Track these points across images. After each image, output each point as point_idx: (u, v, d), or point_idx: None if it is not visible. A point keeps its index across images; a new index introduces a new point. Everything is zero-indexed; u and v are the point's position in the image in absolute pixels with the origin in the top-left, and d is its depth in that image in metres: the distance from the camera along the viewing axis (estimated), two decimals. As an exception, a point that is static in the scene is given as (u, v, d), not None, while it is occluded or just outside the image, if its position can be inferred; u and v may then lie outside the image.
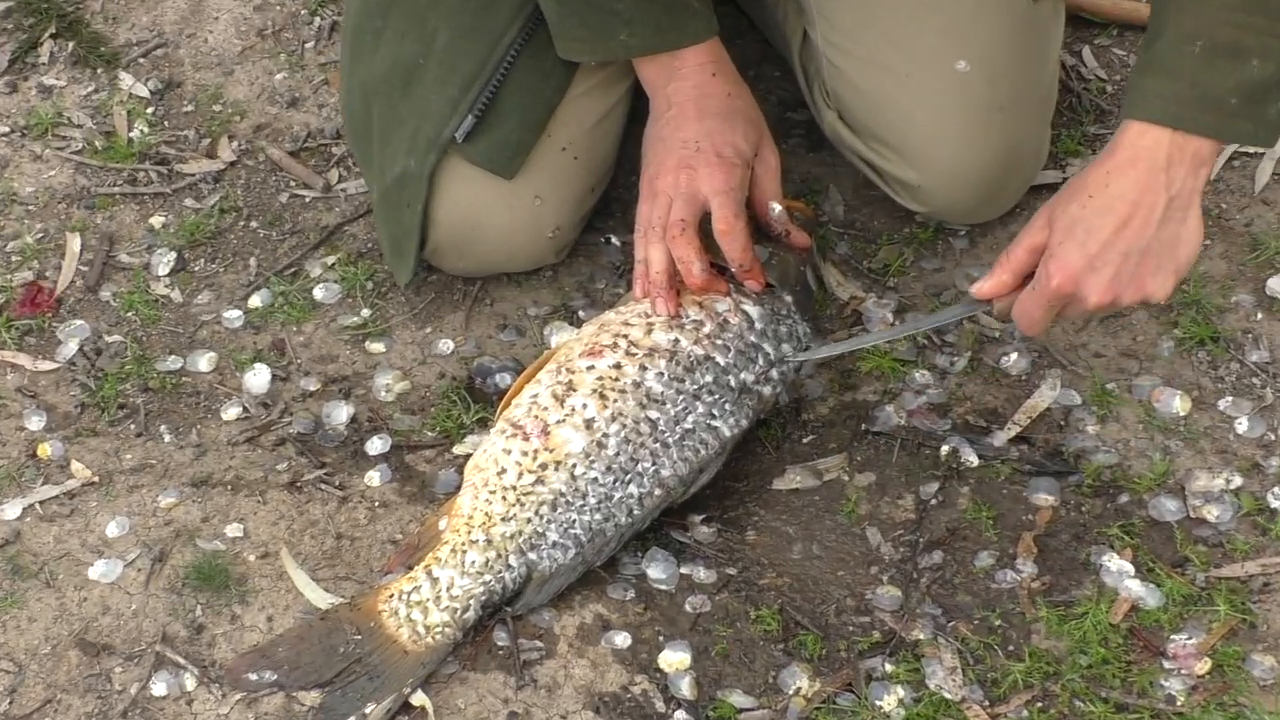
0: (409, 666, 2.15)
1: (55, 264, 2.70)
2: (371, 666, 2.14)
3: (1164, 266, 2.15)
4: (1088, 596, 2.22)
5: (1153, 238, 2.12)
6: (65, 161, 2.86)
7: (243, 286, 2.66)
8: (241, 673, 2.17)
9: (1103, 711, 2.11)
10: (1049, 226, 2.16)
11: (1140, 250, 2.13)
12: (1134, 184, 2.11)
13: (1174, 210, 2.12)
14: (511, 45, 2.43)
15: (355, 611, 2.19)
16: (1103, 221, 2.12)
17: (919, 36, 2.46)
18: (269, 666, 2.17)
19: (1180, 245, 2.15)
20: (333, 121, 2.90)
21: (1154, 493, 2.32)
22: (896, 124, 2.51)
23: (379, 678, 2.14)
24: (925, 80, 2.46)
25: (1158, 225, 2.12)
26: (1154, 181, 2.10)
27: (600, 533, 2.23)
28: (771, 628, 2.22)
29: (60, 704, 2.18)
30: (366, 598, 2.20)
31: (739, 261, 2.32)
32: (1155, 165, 2.10)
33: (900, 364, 2.47)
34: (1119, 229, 2.12)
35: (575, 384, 2.26)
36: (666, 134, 2.38)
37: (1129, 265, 2.13)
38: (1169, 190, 2.10)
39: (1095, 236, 2.12)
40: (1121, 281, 2.14)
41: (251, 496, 2.38)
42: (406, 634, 2.16)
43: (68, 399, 2.51)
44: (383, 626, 2.17)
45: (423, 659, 2.16)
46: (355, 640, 2.16)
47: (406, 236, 2.50)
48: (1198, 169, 2.11)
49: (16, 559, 2.32)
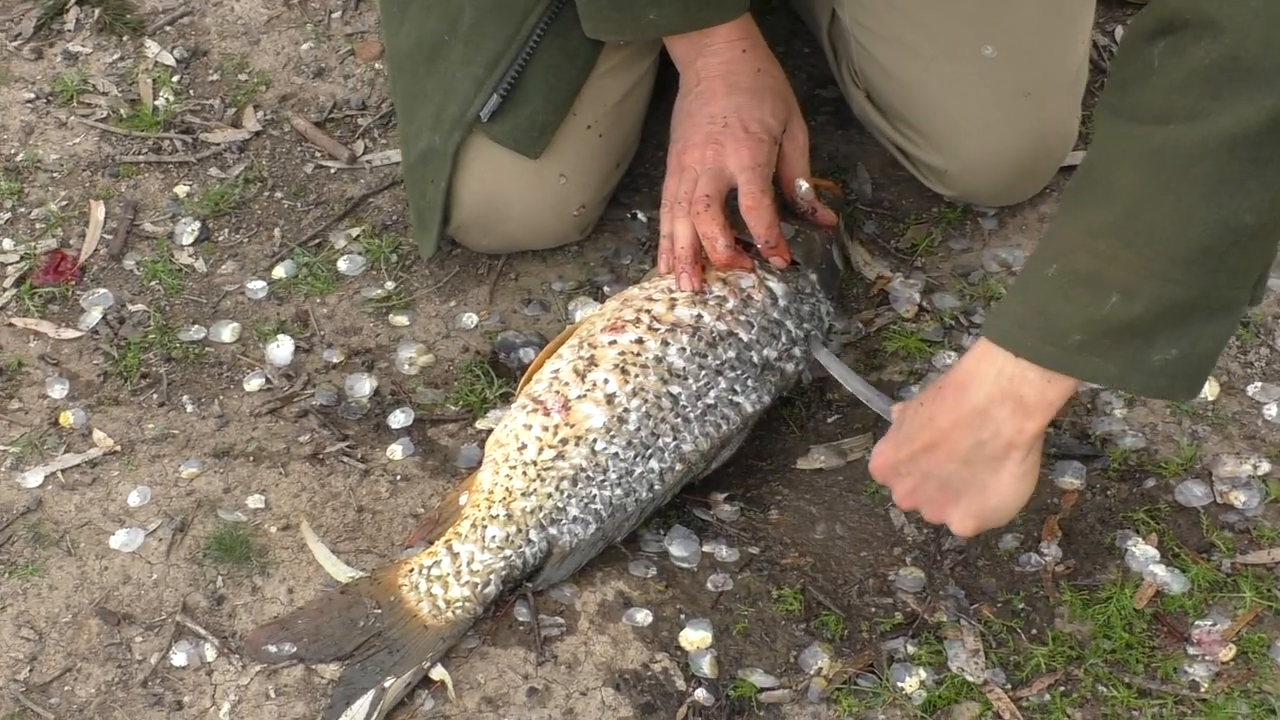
0: (429, 641, 2.15)
1: (79, 232, 2.70)
2: (391, 640, 2.14)
3: (965, 505, 2.04)
4: (1112, 581, 2.21)
5: (954, 473, 2.01)
6: (90, 129, 2.85)
7: (267, 257, 2.65)
8: (261, 644, 2.17)
9: (1126, 696, 2.10)
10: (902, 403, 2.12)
11: (942, 478, 2.03)
12: (951, 412, 1.97)
13: (983, 456, 1.98)
14: (537, 24, 2.42)
15: (375, 585, 2.18)
16: (918, 435, 2.03)
17: (945, 20, 2.44)
18: (288, 639, 2.16)
19: (988, 493, 2.01)
20: (358, 93, 2.89)
21: (1181, 478, 2.30)
22: (922, 108, 2.49)
23: (398, 652, 2.13)
24: (951, 65, 2.44)
25: (960, 463, 1.99)
26: (967, 419, 1.95)
27: (621, 508, 2.22)
28: (793, 607, 2.21)
29: (80, 672, 2.18)
30: (387, 572, 2.20)
31: (764, 238, 2.31)
32: (974, 402, 1.94)
33: (926, 344, 2.46)
34: (926, 449, 2.02)
35: (597, 359, 2.26)
36: (695, 109, 2.37)
37: (929, 486, 2.05)
38: (979, 433, 1.95)
39: (907, 445, 2.05)
40: (921, 497, 2.07)
41: (273, 468, 2.37)
42: (427, 608, 2.16)
43: (90, 367, 2.51)
44: (403, 601, 2.16)
45: (443, 634, 2.15)
46: (375, 614, 2.16)
47: (430, 211, 2.49)
48: (1021, 420, 1.93)
49: (38, 527, 2.32)
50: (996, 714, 2.10)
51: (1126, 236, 1.81)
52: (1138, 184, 1.81)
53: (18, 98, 2.91)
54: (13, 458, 2.39)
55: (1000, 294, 2.51)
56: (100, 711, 2.14)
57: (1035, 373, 1.89)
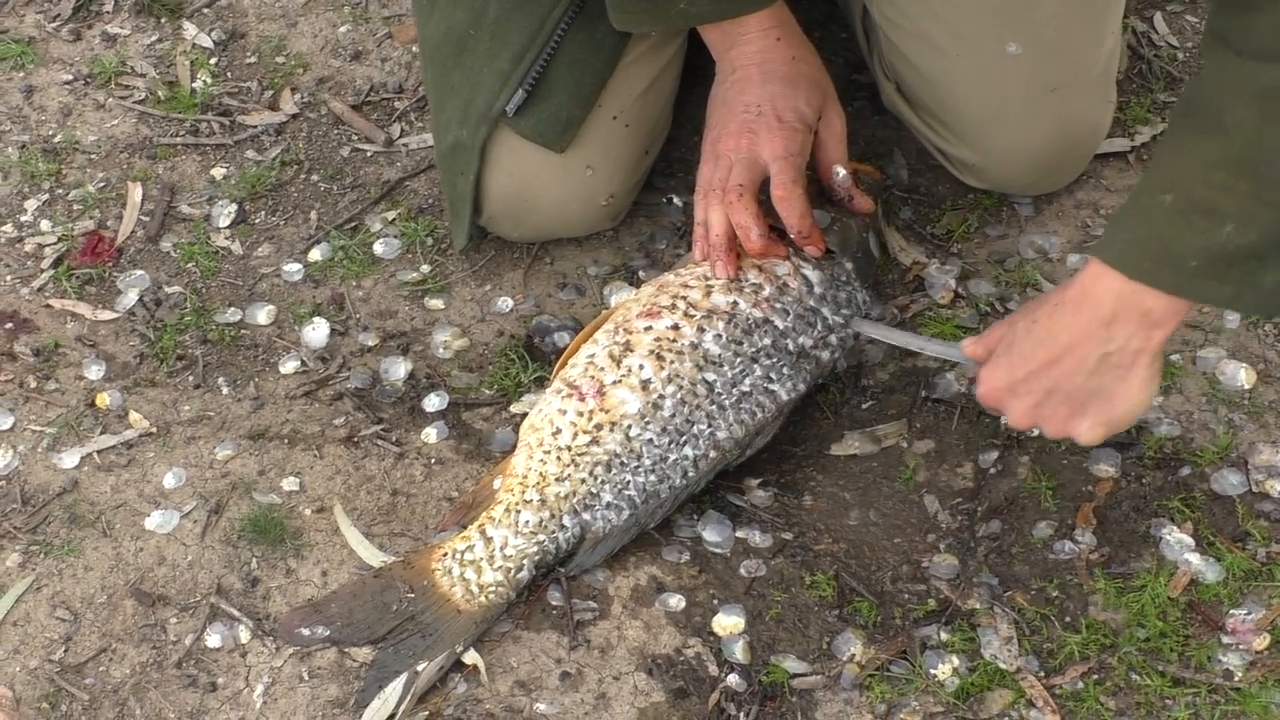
0: (462, 625, 2.15)
1: (116, 214, 2.70)
2: (424, 624, 2.14)
3: (1093, 415, 2.07)
4: (1147, 569, 2.21)
5: (1081, 385, 2.05)
6: (128, 111, 2.86)
7: (303, 240, 2.66)
8: (294, 627, 2.18)
9: (1159, 685, 2.10)
10: (1002, 328, 2.13)
11: (1066, 392, 2.06)
12: (1072, 327, 2.01)
13: (1110, 366, 2.02)
14: (562, 18, 2.41)
15: (409, 569, 2.19)
16: (1035, 353, 2.06)
17: (969, 17, 2.43)
18: (322, 622, 2.17)
19: (1116, 400, 2.06)
20: (395, 76, 2.89)
21: (1216, 466, 2.30)
22: (949, 103, 2.49)
23: (431, 635, 2.14)
24: (975, 62, 2.43)
25: (1088, 375, 2.03)
26: (1093, 332, 2.00)
27: (654, 494, 2.22)
28: (826, 593, 2.21)
29: (115, 653, 2.19)
30: (420, 556, 2.20)
31: (796, 228, 2.31)
32: (1098, 316, 1.99)
33: (962, 330, 2.45)
34: (1047, 365, 2.05)
35: (632, 344, 2.26)
36: (730, 97, 2.36)
37: (1052, 401, 2.08)
38: (1106, 345, 2.00)
39: (1024, 364, 2.07)
40: (1043, 414, 2.09)
41: (308, 451, 2.38)
42: (460, 593, 2.16)
43: (127, 349, 2.52)
44: (436, 585, 2.17)
45: (476, 618, 2.16)
46: (408, 598, 2.16)
47: (461, 203, 2.49)
48: (1148, 330, 1.98)
49: (74, 508, 2.33)
50: (1029, 701, 2.09)
51: (1243, 169, 1.86)
52: (1253, 120, 1.85)
53: (56, 79, 2.92)
54: (49, 438, 2.40)
55: (1036, 280, 2.50)
56: (134, 692, 2.15)
57: (1154, 292, 1.95)
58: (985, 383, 2.12)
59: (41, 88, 2.90)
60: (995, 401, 2.13)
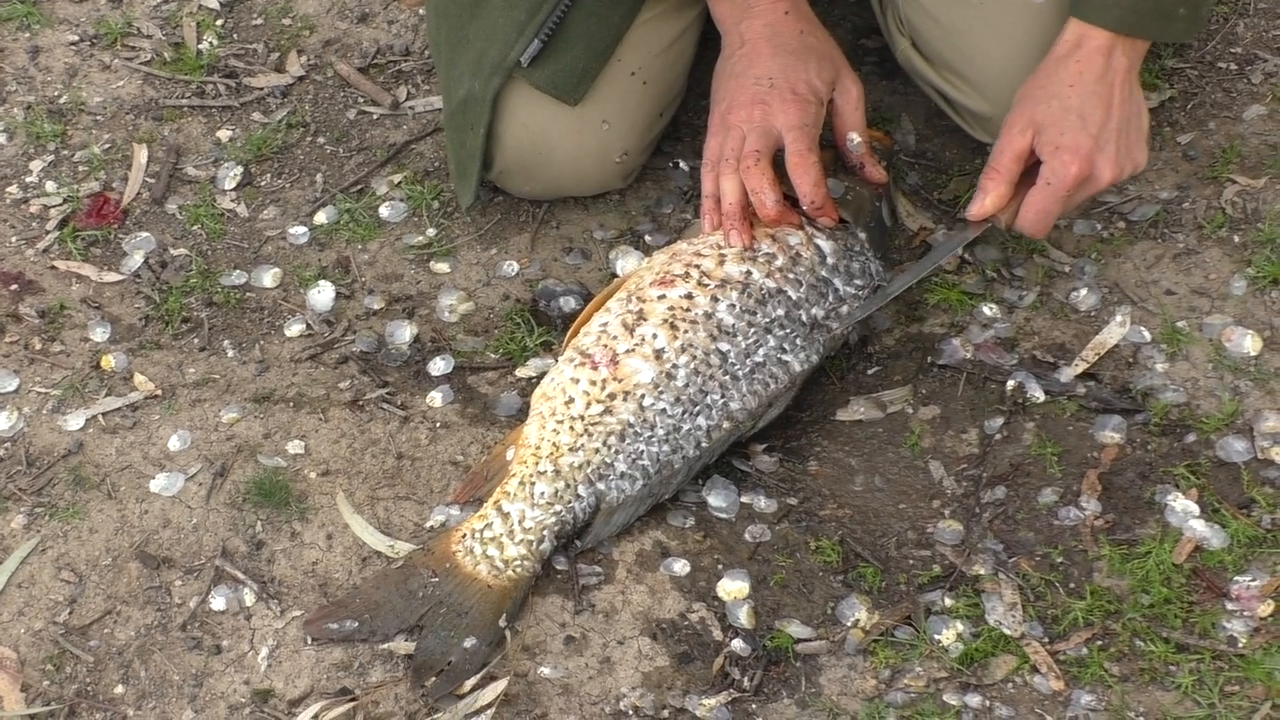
0: (495, 601, 2.14)
1: (122, 175, 2.70)
2: (456, 605, 2.13)
3: (1140, 136, 2.33)
4: (1151, 536, 2.20)
5: (1130, 111, 2.30)
6: (134, 72, 2.85)
7: (309, 203, 2.66)
8: (321, 625, 2.15)
9: (1163, 651, 2.10)
10: (1030, 129, 2.27)
11: (1124, 124, 2.29)
12: (1098, 72, 2.27)
13: (1130, 86, 2.30)
14: None
15: (429, 555, 2.17)
16: (1094, 105, 2.27)
17: None
18: (348, 616, 2.15)
19: (1143, 114, 2.34)
20: (402, 38, 2.88)
21: (1222, 433, 2.29)
22: (969, 54, 2.48)
23: (466, 614, 2.12)
24: (999, 11, 2.43)
25: (1128, 101, 2.30)
26: (1109, 67, 2.28)
27: (668, 464, 2.22)
28: (831, 559, 2.21)
29: (120, 615, 2.19)
30: (439, 541, 2.19)
31: (809, 197, 2.30)
32: (1101, 48, 2.27)
33: (968, 297, 2.45)
34: (1108, 110, 2.27)
35: (646, 313, 2.25)
36: (740, 70, 2.36)
37: (1123, 139, 2.29)
38: (1118, 72, 2.28)
39: (1093, 119, 2.27)
40: (1121, 155, 2.29)
41: (313, 414, 2.38)
42: (485, 570, 2.15)
43: (132, 311, 2.52)
44: (459, 566, 2.15)
45: (509, 593, 2.15)
46: (433, 583, 2.15)
47: (470, 159, 2.49)
48: (1137, 49, 2.30)
49: (79, 470, 2.33)
50: (1033, 667, 2.10)
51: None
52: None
53: (62, 40, 2.91)
54: (54, 400, 2.41)
55: (1043, 247, 2.49)
56: (139, 654, 2.15)
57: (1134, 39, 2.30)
58: (1075, 158, 2.26)
59: (47, 48, 2.90)
60: (1089, 168, 2.27)
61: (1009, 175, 2.28)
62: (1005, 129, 2.29)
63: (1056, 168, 2.25)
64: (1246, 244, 2.48)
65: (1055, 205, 2.27)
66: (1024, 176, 2.30)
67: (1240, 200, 2.54)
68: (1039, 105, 2.28)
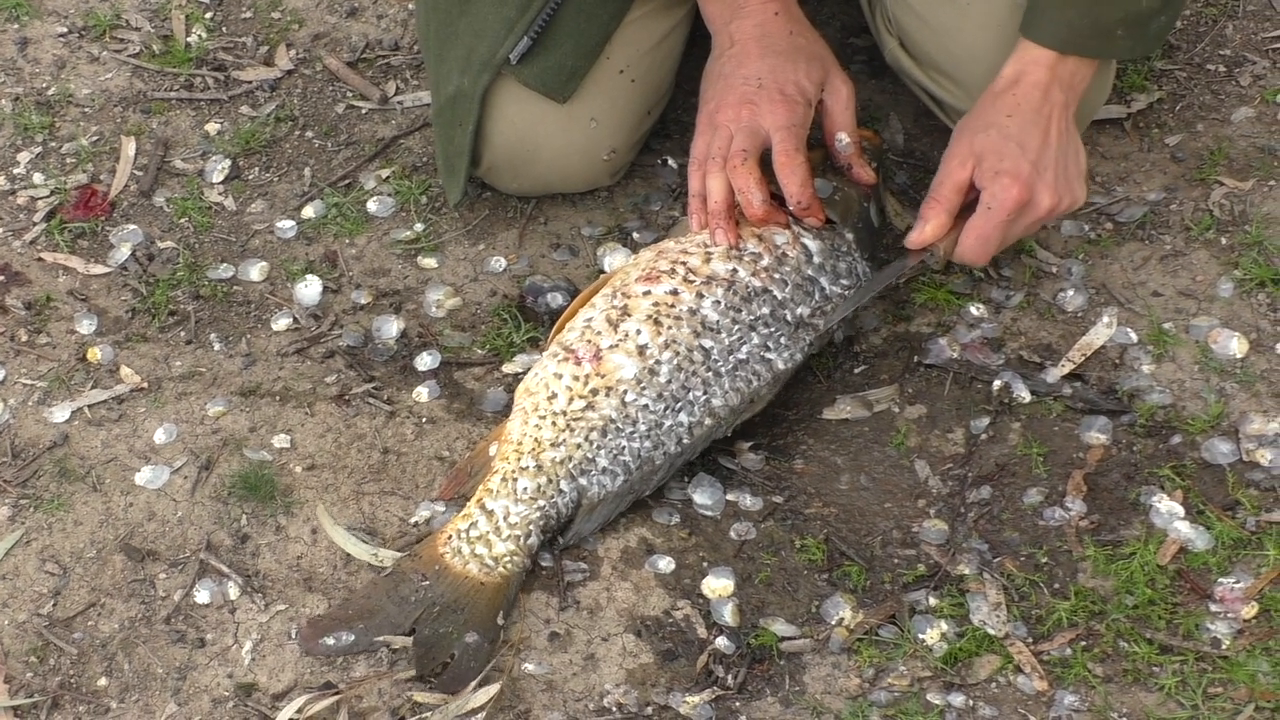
0: (490, 597, 2.14)
1: (110, 167, 2.70)
2: (450, 603, 2.12)
3: (1079, 171, 2.33)
4: (1136, 537, 2.21)
5: (1068, 145, 2.31)
6: (122, 65, 2.85)
7: (296, 197, 2.65)
8: (317, 639, 2.13)
9: (1147, 652, 2.10)
10: (970, 160, 2.28)
11: (1062, 154, 2.30)
12: (1035, 104, 2.28)
13: (1066, 122, 2.30)
14: None
15: (417, 560, 2.17)
16: (1031, 133, 2.27)
17: None
18: (343, 628, 2.13)
19: (1080, 150, 2.34)
20: (391, 33, 2.88)
21: (1207, 435, 2.30)
22: (956, 54, 2.48)
23: (463, 610, 2.12)
24: (986, 11, 2.43)
25: (1065, 134, 2.30)
26: (1045, 99, 2.28)
27: (649, 460, 2.22)
28: (816, 557, 2.21)
29: (104, 607, 2.19)
30: (425, 546, 2.18)
31: (796, 197, 2.30)
32: (1039, 83, 2.28)
33: (955, 296, 2.45)
34: (1045, 138, 2.28)
35: (630, 309, 2.25)
36: (728, 70, 2.36)
37: (1061, 168, 2.29)
38: (1055, 105, 2.29)
39: (1031, 146, 2.27)
40: (1060, 183, 2.29)
41: (299, 408, 2.38)
42: (476, 569, 2.15)
43: (119, 304, 2.51)
44: (449, 568, 2.15)
45: (502, 589, 2.14)
46: (424, 586, 2.14)
47: (458, 156, 2.49)
48: (1073, 87, 2.31)
49: (64, 462, 2.32)
50: (1017, 667, 2.10)
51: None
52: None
53: (50, 31, 2.91)
54: (40, 392, 2.40)
55: (1031, 247, 2.49)
56: (123, 647, 2.15)
57: (1075, 60, 2.30)
58: (1014, 182, 2.25)
59: (36, 40, 2.89)
60: (1028, 193, 2.26)
61: (949, 205, 2.29)
62: (945, 161, 2.30)
63: (996, 192, 2.25)
64: (1234, 246, 2.49)
65: (995, 231, 2.26)
66: (966, 211, 2.30)
67: (1228, 202, 2.54)
68: (977, 135, 2.29)
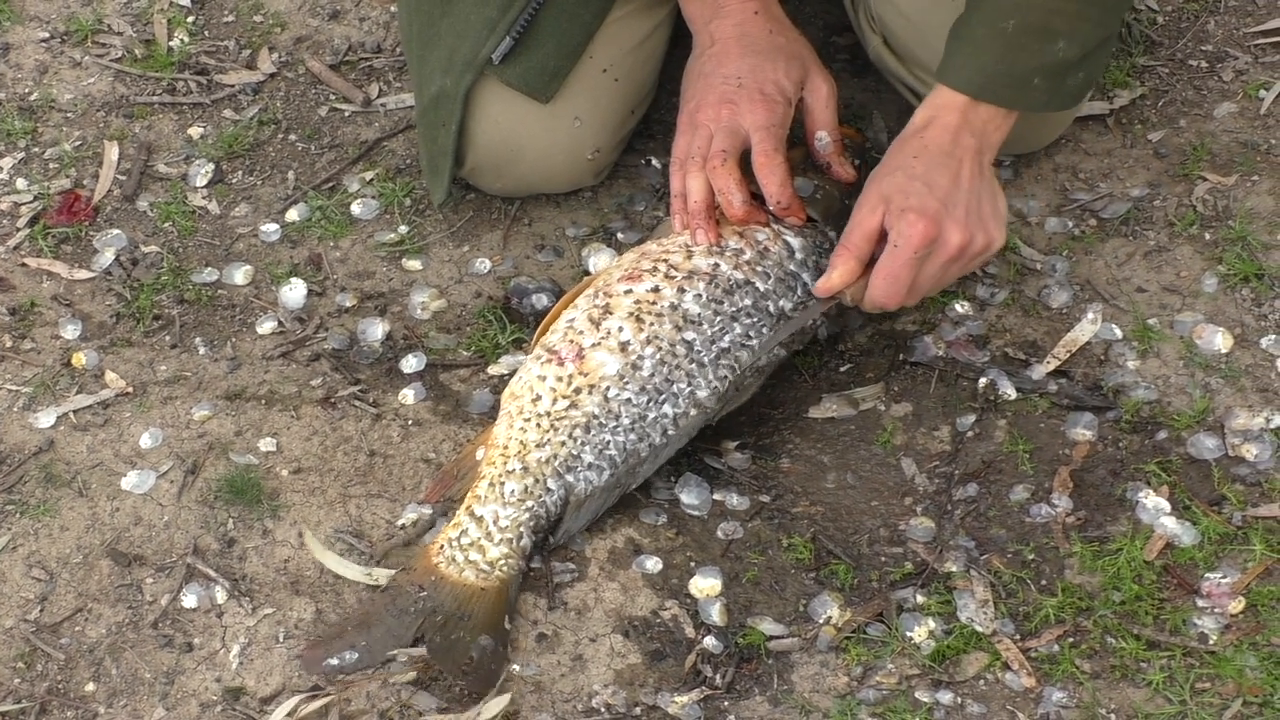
0: (493, 601, 2.13)
1: (93, 172, 2.69)
2: (452, 610, 2.11)
3: (995, 214, 2.28)
4: (1123, 533, 2.21)
5: (982, 188, 2.26)
6: (104, 69, 2.85)
7: (280, 200, 2.65)
8: (320, 661, 2.11)
9: (1134, 648, 2.10)
10: (880, 205, 2.23)
11: (975, 195, 2.24)
12: (944, 147, 2.24)
13: (980, 166, 2.25)
14: None
15: (412, 573, 2.16)
16: (939, 174, 2.23)
17: None
18: (345, 648, 2.11)
19: (998, 195, 2.29)
20: (374, 36, 2.88)
21: (1193, 430, 2.30)
22: (939, 50, 2.48)
23: (468, 616, 2.11)
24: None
25: (977, 177, 2.25)
26: (956, 143, 2.24)
27: (634, 453, 2.22)
28: (803, 556, 2.21)
29: (91, 613, 2.19)
30: (417, 559, 2.18)
31: (776, 198, 2.30)
32: (949, 126, 2.24)
33: (939, 294, 2.45)
34: (955, 179, 2.23)
35: (612, 307, 2.25)
36: (709, 69, 2.36)
37: (974, 208, 2.24)
38: (967, 150, 2.24)
39: (939, 185, 2.22)
40: (973, 221, 2.24)
41: (285, 411, 2.37)
42: (472, 575, 2.14)
43: (103, 308, 2.51)
44: (445, 577, 2.14)
45: (502, 592, 2.14)
46: (422, 597, 2.13)
47: (442, 156, 2.49)
48: (986, 134, 2.25)
49: (50, 467, 2.32)
50: (1005, 664, 2.10)
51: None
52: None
53: (32, 37, 2.90)
54: (25, 398, 2.40)
55: (1015, 244, 2.50)
56: (110, 652, 2.15)
57: (989, 109, 2.25)
58: (920, 218, 2.20)
59: (18, 45, 2.89)
60: (935, 229, 2.21)
61: (858, 252, 2.25)
62: (856, 210, 2.27)
63: (902, 229, 2.21)
64: (1217, 241, 2.49)
65: (904, 270, 2.22)
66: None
67: (1211, 198, 2.54)
68: (884, 179, 2.25)
